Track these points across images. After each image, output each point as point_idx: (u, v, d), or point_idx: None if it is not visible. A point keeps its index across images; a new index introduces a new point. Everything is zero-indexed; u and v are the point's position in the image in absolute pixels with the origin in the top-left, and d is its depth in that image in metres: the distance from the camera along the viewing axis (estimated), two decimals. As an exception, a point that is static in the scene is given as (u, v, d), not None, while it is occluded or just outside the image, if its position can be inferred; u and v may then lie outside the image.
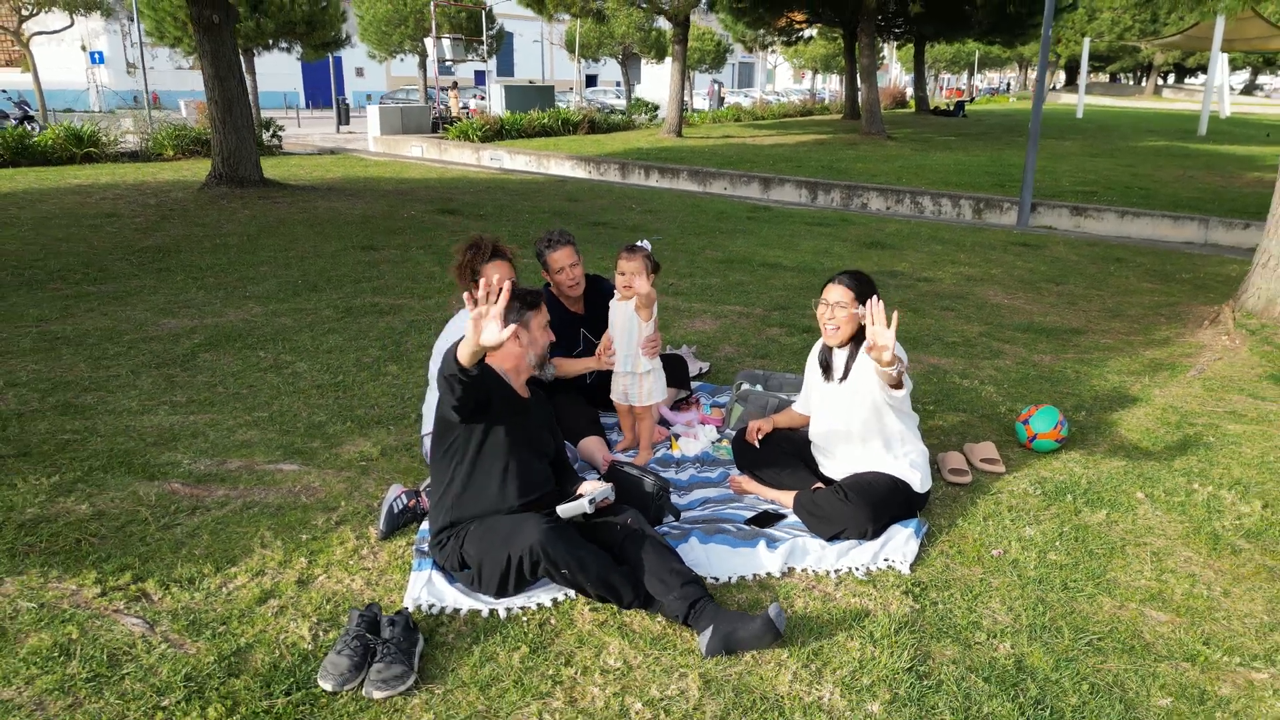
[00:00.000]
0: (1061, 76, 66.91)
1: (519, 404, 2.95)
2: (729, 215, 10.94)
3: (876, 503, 3.20)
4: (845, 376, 3.38)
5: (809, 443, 3.64)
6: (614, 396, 3.89)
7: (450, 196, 11.55)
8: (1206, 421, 4.60)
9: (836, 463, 3.46)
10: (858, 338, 3.35)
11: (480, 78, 38.25)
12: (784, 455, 3.58)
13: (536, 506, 2.87)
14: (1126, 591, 3.01)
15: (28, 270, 6.77)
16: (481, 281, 2.46)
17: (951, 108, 33.49)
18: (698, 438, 4.04)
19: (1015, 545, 3.26)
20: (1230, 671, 2.62)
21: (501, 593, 2.71)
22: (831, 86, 51.24)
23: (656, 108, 27.86)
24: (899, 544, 3.15)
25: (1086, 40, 37.52)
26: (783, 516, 3.37)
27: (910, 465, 3.33)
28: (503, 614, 2.70)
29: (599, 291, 4.12)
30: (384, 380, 4.70)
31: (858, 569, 3.05)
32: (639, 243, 3.84)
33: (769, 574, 3.00)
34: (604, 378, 3.98)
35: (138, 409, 4.18)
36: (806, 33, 29.83)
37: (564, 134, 22.57)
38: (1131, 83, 78.20)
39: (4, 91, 29.25)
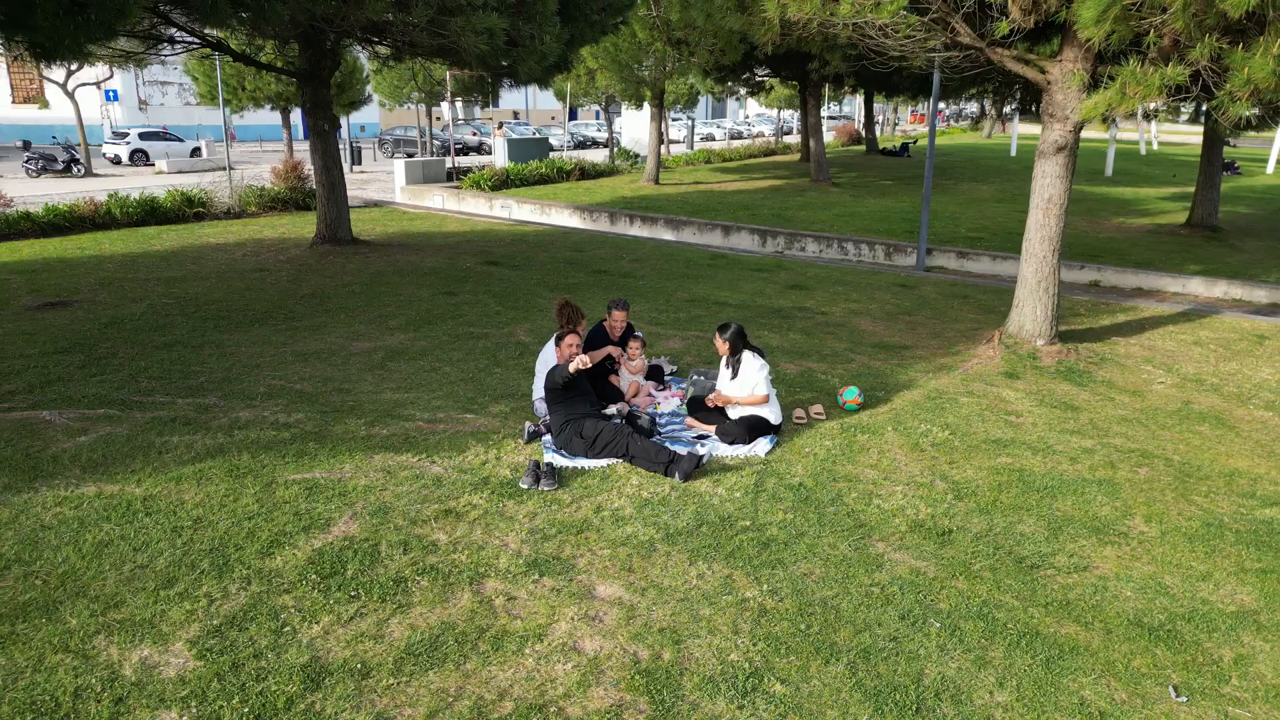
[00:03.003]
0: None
1: (578, 378, 6.77)
2: (695, 262, 14.76)
3: (751, 428, 6.98)
4: (735, 375, 7.21)
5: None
6: (627, 379, 7.74)
7: (488, 249, 15.32)
8: (950, 397, 8.41)
9: (735, 412, 7.23)
10: (736, 353, 7.16)
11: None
12: (712, 409, 7.37)
13: (594, 414, 6.65)
14: (861, 465, 6.78)
15: (245, 312, 10.44)
16: (574, 363, 6.35)
17: (897, 148, 37.71)
18: (670, 404, 7.84)
19: (818, 448, 7.03)
20: (892, 489, 6.39)
21: (588, 453, 6.48)
22: (799, 115, 55.93)
23: (636, 156, 31.84)
24: (761, 446, 6.92)
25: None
26: (709, 436, 7.15)
27: (770, 411, 7.12)
28: (589, 467, 6.44)
29: (625, 332, 7.93)
30: (495, 376, 8.43)
31: (740, 455, 6.82)
32: (636, 333, 7.74)
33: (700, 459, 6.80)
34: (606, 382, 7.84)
35: (374, 391, 7.89)
36: (769, 83, 33.95)
37: (559, 180, 26.40)
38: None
39: (54, 136, 32.85)
